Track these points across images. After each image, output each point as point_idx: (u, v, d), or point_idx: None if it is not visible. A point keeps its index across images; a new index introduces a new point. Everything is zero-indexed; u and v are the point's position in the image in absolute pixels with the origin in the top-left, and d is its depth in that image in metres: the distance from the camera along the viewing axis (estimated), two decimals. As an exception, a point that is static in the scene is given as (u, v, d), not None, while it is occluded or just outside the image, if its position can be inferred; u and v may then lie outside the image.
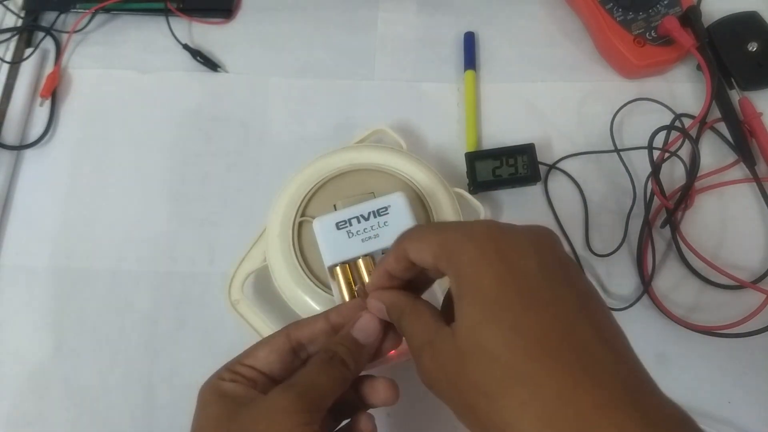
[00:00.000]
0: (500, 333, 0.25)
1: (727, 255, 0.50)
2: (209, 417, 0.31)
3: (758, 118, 0.52)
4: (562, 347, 0.24)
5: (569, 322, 0.25)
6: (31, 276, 0.50)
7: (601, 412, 0.22)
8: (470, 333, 0.26)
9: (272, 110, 0.56)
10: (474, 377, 0.25)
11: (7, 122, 0.54)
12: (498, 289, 0.26)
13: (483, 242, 0.27)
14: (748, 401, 0.46)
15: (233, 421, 0.30)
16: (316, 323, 0.33)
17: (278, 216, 0.45)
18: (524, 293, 0.25)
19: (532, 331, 0.24)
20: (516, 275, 0.26)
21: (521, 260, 0.26)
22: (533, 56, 0.57)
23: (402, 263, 0.31)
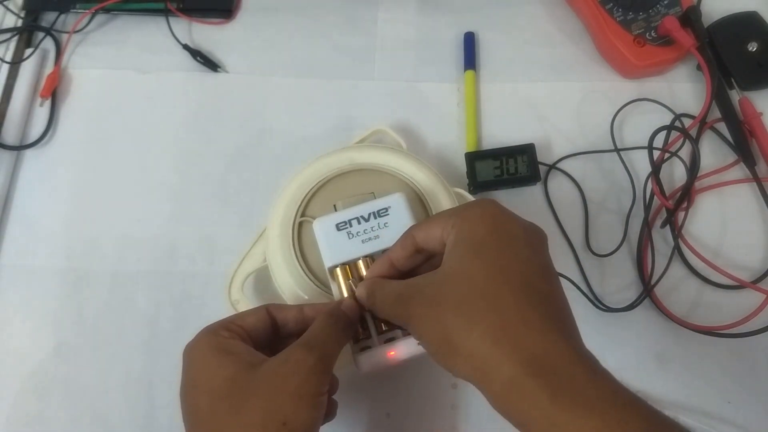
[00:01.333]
0: (477, 264, 0.31)
1: (727, 255, 0.50)
2: (224, 374, 0.32)
3: (758, 118, 0.52)
4: (520, 284, 0.30)
5: (531, 272, 0.31)
6: (31, 276, 0.50)
7: (536, 328, 0.29)
8: (455, 263, 0.32)
9: (272, 110, 0.56)
10: (448, 295, 0.31)
11: (7, 122, 0.54)
12: (486, 237, 0.32)
13: (486, 207, 0.34)
14: (748, 401, 0.46)
15: (253, 378, 0.32)
16: (291, 311, 0.38)
17: (278, 216, 0.45)
18: (506, 245, 0.32)
19: (502, 269, 0.31)
20: (504, 233, 0.32)
21: (512, 226, 0.33)
22: (533, 56, 0.57)
23: (407, 250, 0.35)
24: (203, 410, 0.32)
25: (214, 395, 0.32)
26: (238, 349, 0.34)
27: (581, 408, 0.26)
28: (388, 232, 0.40)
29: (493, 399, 0.29)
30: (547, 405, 0.27)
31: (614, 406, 0.27)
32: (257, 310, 0.37)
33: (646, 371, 0.46)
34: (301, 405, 0.31)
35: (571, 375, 0.27)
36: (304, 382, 0.32)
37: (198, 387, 0.33)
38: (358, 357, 0.38)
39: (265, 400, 0.31)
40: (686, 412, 0.45)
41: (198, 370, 0.34)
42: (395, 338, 0.39)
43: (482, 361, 0.29)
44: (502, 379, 0.28)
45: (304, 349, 0.33)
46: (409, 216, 0.41)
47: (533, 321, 0.29)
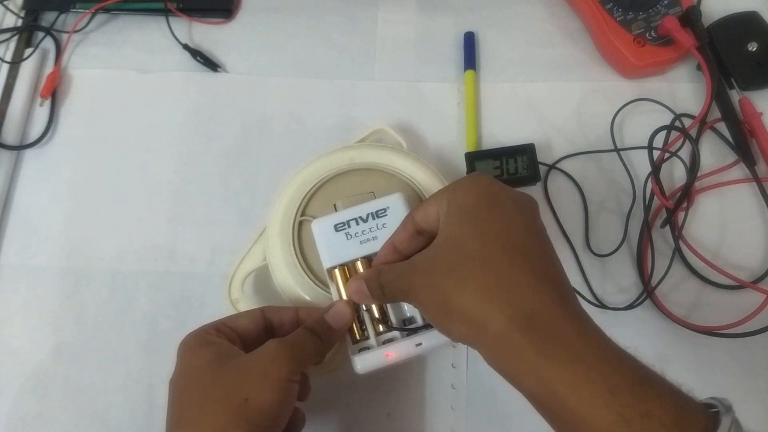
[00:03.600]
0: (469, 230, 0.32)
1: (727, 255, 0.50)
2: (200, 361, 0.34)
3: (758, 118, 0.52)
4: (511, 245, 0.31)
5: (521, 234, 0.32)
6: (31, 276, 0.50)
7: (528, 287, 0.30)
8: (447, 232, 0.33)
9: (272, 110, 0.56)
10: (442, 261, 0.32)
11: (7, 122, 0.54)
12: (477, 205, 0.33)
13: (477, 179, 0.35)
14: (748, 401, 0.46)
15: (226, 364, 0.34)
16: (287, 313, 0.39)
17: (278, 215, 0.46)
18: (497, 211, 0.33)
19: (493, 232, 0.32)
20: (495, 200, 0.33)
21: (503, 195, 0.34)
22: (533, 56, 0.57)
23: (408, 231, 0.37)
24: (178, 390, 0.34)
25: (189, 375, 0.35)
26: (218, 343, 0.36)
27: (567, 362, 0.28)
28: (386, 233, 0.40)
29: (485, 355, 0.30)
30: (534, 359, 0.28)
31: (600, 360, 0.28)
32: (252, 313, 0.38)
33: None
34: (265, 384, 0.33)
35: (558, 331, 0.29)
36: (271, 364, 0.34)
37: (178, 372, 0.35)
38: (356, 358, 0.38)
39: (232, 379, 0.33)
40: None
41: (180, 359, 0.36)
42: (393, 339, 0.39)
43: (475, 318, 0.30)
44: (493, 334, 0.29)
45: (278, 342, 0.35)
46: None
47: (524, 279, 0.30)
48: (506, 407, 0.45)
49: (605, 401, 0.26)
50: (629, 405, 0.26)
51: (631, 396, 0.26)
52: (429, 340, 0.38)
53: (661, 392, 0.27)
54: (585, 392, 0.27)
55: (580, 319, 0.30)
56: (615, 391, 0.27)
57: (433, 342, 0.38)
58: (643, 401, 0.26)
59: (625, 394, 0.26)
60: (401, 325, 0.39)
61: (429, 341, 0.38)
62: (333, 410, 0.46)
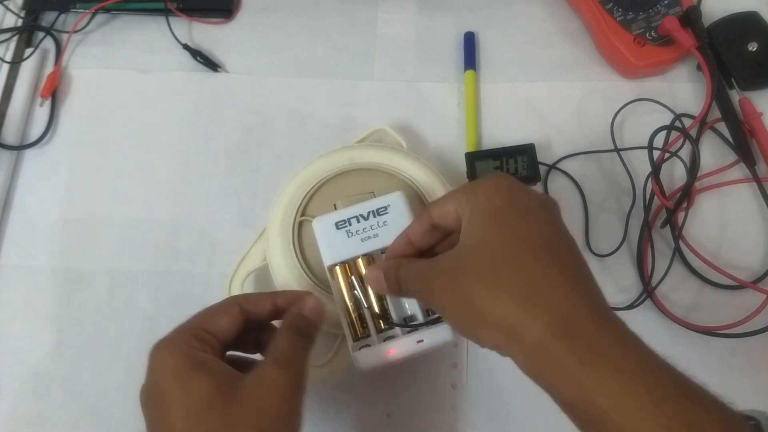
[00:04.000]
0: (497, 233, 0.31)
1: (727, 255, 0.50)
2: (199, 394, 0.31)
3: (758, 118, 0.52)
4: (542, 249, 0.31)
5: (550, 237, 0.32)
6: (31, 276, 0.50)
7: (562, 292, 0.29)
8: (473, 235, 0.32)
9: (272, 110, 0.56)
10: (470, 265, 0.31)
11: (7, 122, 0.54)
12: (502, 207, 0.32)
13: (499, 180, 0.34)
14: (748, 401, 0.46)
15: (231, 399, 0.31)
16: (265, 303, 0.37)
17: (278, 215, 0.46)
18: (522, 213, 0.32)
19: (521, 235, 0.31)
20: (519, 203, 0.33)
21: (526, 196, 0.33)
22: (533, 56, 0.57)
23: (424, 226, 0.36)
24: (178, 427, 0.31)
25: (191, 415, 0.31)
26: (211, 365, 0.33)
27: (609, 372, 0.27)
28: (387, 231, 0.40)
29: (522, 363, 0.29)
30: (575, 368, 0.27)
31: (642, 370, 0.27)
32: (229, 309, 0.35)
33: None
34: (280, 423, 0.31)
35: (598, 338, 0.28)
36: (283, 403, 0.32)
37: (169, 402, 0.32)
38: (358, 354, 0.38)
39: (248, 425, 0.31)
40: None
41: (168, 383, 0.32)
42: (394, 336, 0.39)
43: (509, 325, 0.29)
44: (531, 342, 0.28)
45: (277, 368, 0.33)
46: (408, 214, 0.41)
47: (558, 283, 0.29)
48: (507, 407, 0.45)
49: (649, 413, 0.26)
50: (674, 417, 0.25)
51: (676, 408, 0.26)
52: (430, 338, 0.38)
53: (704, 404, 0.27)
54: (629, 404, 0.26)
55: (618, 325, 0.29)
56: (660, 402, 0.26)
57: (434, 339, 0.38)
58: (688, 413, 0.26)
59: (669, 405, 0.26)
60: (402, 322, 0.40)
61: (430, 338, 0.38)
62: (333, 410, 0.46)
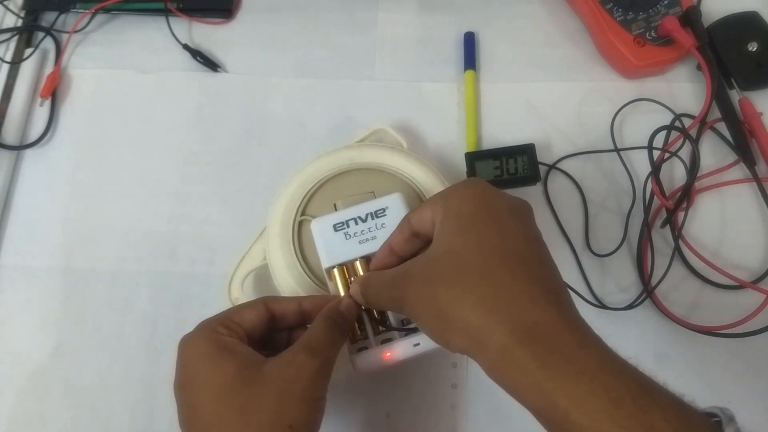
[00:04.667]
0: (466, 240, 0.32)
1: (727, 255, 0.50)
2: (225, 374, 0.32)
3: (758, 118, 0.52)
4: (510, 256, 0.31)
5: (519, 244, 0.32)
6: (31, 276, 0.50)
7: (529, 299, 0.29)
8: (444, 241, 0.33)
9: (272, 110, 0.56)
10: (440, 272, 0.32)
11: (7, 122, 0.54)
12: (473, 214, 0.33)
13: (472, 186, 0.35)
14: (748, 401, 0.46)
15: (256, 379, 0.32)
16: (290, 304, 0.38)
17: (278, 215, 0.46)
18: (493, 219, 0.33)
19: (490, 242, 0.31)
20: (490, 209, 0.33)
21: (498, 201, 0.34)
22: (533, 56, 0.57)
23: (404, 234, 0.36)
24: (206, 408, 0.32)
25: (218, 394, 0.32)
26: (238, 347, 0.34)
27: (569, 374, 0.27)
28: (385, 233, 0.40)
29: (487, 368, 0.30)
30: (537, 372, 0.28)
31: (602, 371, 0.27)
32: (255, 305, 0.37)
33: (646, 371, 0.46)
34: (305, 408, 0.32)
35: (560, 343, 0.28)
36: (309, 386, 0.33)
37: (198, 384, 0.33)
38: (355, 357, 0.38)
39: (271, 403, 0.32)
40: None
41: (197, 367, 0.34)
42: (392, 339, 0.39)
43: (476, 331, 0.29)
44: (495, 348, 0.29)
45: (307, 353, 0.34)
46: None
47: (524, 290, 0.30)
48: (507, 407, 0.45)
49: (608, 414, 0.26)
50: (632, 417, 0.26)
51: (635, 408, 0.26)
52: (427, 340, 0.38)
53: (664, 404, 0.27)
54: (588, 405, 0.26)
55: (581, 329, 0.29)
56: (618, 403, 0.26)
57: (431, 342, 0.38)
58: (647, 413, 0.26)
59: (628, 406, 0.26)
60: (399, 325, 0.40)
61: (427, 341, 0.38)
62: (333, 410, 0.46)
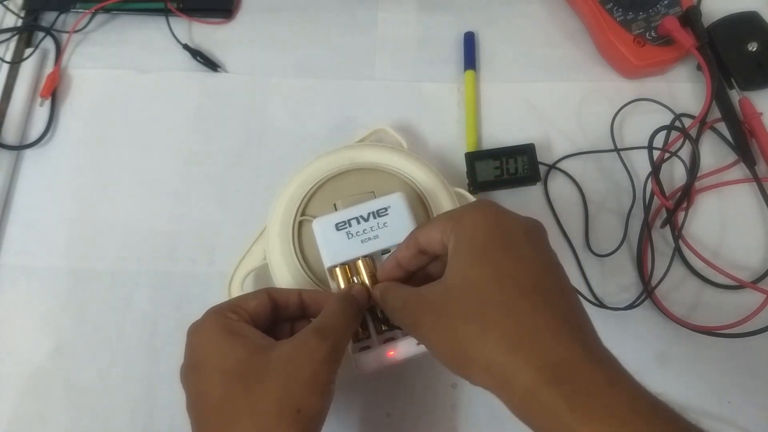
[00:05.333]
0: (483, 271, 0.31)
1: (727, 255, 0.50)
2: (233, 357, 0.32)
3: (758, 118, 0.52)
4: (529, 287, 0.30)
5: (537, 272, 0.31)
6: (31, 276, 0.50)
7: (552, 335, 0.28)
8: (459, 271, 0.32)
9: (272, 110, 0.56)
10: (457, 304, 0.31)
11: (7, 122, 0.54)
12: (487, 241, 0.32)
13: (484, 209, 0.34)
14: (748, 401, 0.46)
15: (265, 362, 0.32)
16: (291, 295, 0.38)
17: (278, 215, 0.46)
18: (508, 247, 0.32)
19: (508, 273, 0.30)
20: (505, 236, 0.32)
21: (512, 228, 0.33)
22: (533, 56, 0.57)
23: (411, 250, 0.36)
24: (215, 391, 0.32)
25: (226, 376, 0.32)
26: (247, 331, 0.34)
27: (600, 418, 0.26)
28: (387, 232, 0.40)
29: (513, 408, 0.29)
30: (566, 415, 0.27)
31: (634, 416, 0.26)
32: (258, 294, 0.37)
33: (646, 371, 0.46)
34: (314, 393, 0.32)
35: (588, 382, 0.27)
36: (318, 371, 0.32)
37: (207, 367, 0.33)
38: (358, 357, 0.38)
39: (279, 385, 0.31)
40: (686, 412, 0.45)
41: (206, 350, 0.34)
42: (395, 338, 0.39)
43: (500, 369, 0.28)
44: (522, 388, 0.28)
45: (318, 337, 0.33)
46: (408, 216, 0.41)
47: (547, 324, 0.29)
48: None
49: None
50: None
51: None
52: None
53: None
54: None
55: (608, 365, 0.28)
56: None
57: None
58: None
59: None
60: None
61: None
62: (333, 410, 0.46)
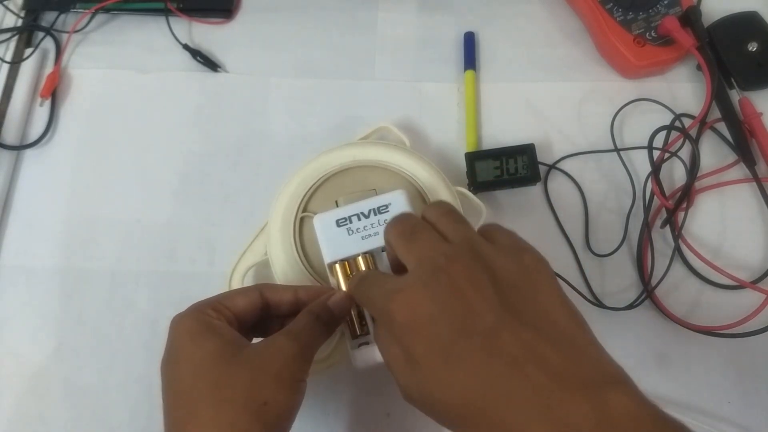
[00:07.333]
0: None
1: (727, 255, 0.50)
2: (205, 352, 0.33)
3: (758, 118, 0.52)
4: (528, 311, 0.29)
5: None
6: (31, 276, 0.50)
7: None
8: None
9: (272, 110, 0.56)
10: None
11: (7, 122, 0.54)
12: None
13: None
14: (748, 401, 0.46)
15: (235, 359, 0.33)
16: (286, 293, 0.38)
17: (280, 211, 0.46)
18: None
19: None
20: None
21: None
22: (533, 56, 0.57)
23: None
24: (184, 383, 0.33)
25: (195, 369, 0.33)
26: (222, 330, 0.34)
27: None
28: None
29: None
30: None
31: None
32: (249, 292, 0.37)
33: (646, 371, 0.46)
34: (281, 387, 0.33)
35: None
36: (286, 366, 0.33)
37: (180, 360, 0.34)
38: (355, 353, 0.38)
39: (246, 379, 0.32)
40: (686, 412, 0.45)
41: (181, 343, 0.34)
42: None
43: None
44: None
45: (287, 338, 0.34)
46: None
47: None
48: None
49: None
50: None
51: None
52: None
53: None
54: None
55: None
56: None
57: None
58: None
59: None
60: None
61: None
62: (332, 410, 0.46)
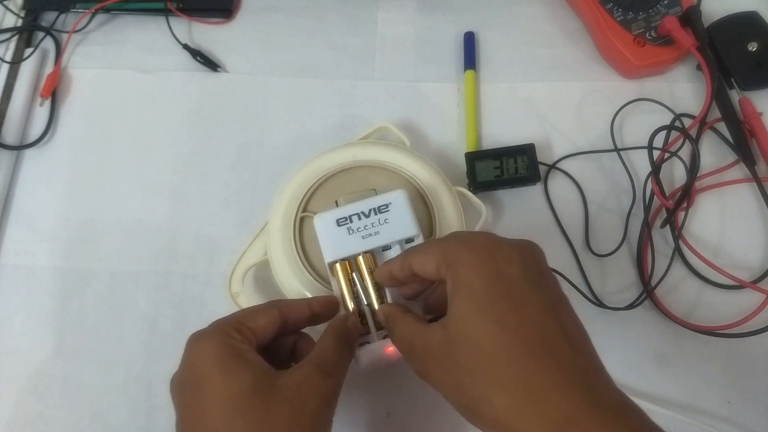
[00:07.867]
0: (485, 325, 0.30)
1: (727, 255, 0.50)
2: (237, 386, 0.32)
3: (758, 118, 0.52)
4: (534, 340, 0.29)
5: (541, 320, 0.30)
6: (31, 276, 0.50)
7: (558, 391, 0.28)
8: (459, 323, 0.31)
9: (272, 110, 0.56)
10: (461, 361, 0.30)
11: (7, 122, 0.54)
12: (486, 289, 0.31)
13: (478, 250, 0.32)
14: (748, 401, 0.46)
15: (269, 395, 0.32)
16: (302, 309, 0.38)
17: (280, 210, 0.46)
18: (508, 295, 0.31)
19: (511, 326, 0.30)
20: (502, 279, 0.31)
21: (509, 267, 0.32)
22: (533, 56, 0.57)
23: (405, 272, 0.36)
24: (216, 416, 0.31)
25: (231, 404, 0.31)
26: (251, 357, 0.33)
27: None
28: (388, 228, 0.40)
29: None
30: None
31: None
32: (269, 311, 0.36)
33: (646, 371, 0.46)
34: (317, 427, 0.33)
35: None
36: (322, 407, 0.33)
37: (208, 390, 0.32)
38: (358, 352, 0.38)
39: (284, 420, 0.31)
40: (686, 412, 0.45)
41: (208, 371, 0.33)
42: None
43: (508, 428, 0.29)
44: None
45: (321, 374, 0.34)
46: (409, 213, 0.41)
47: (554, 381, 0.29)
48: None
49: None
50: None
51: None
52: None
53: None
54: None
55: (614, 413, 0.28)
56: None
57: None
58: None
59: None
60: None
61: None
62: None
